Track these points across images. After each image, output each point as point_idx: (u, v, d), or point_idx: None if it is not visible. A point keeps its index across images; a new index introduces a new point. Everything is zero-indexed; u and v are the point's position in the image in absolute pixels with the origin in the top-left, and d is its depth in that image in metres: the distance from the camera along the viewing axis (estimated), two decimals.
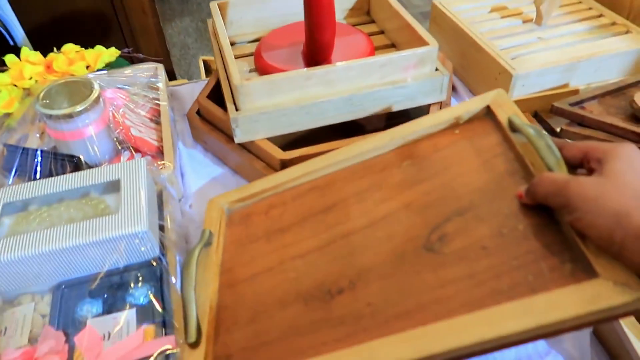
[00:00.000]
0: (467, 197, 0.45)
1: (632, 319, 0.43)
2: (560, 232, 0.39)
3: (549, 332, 0.34)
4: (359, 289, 0.43)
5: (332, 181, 0.55)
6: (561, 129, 0.59)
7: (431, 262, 0.42)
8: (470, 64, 0.80)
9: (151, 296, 0.49)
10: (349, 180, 0.54)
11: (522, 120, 0.46)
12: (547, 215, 0.40)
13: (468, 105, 0.52)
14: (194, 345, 0.44)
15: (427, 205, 0.46)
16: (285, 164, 0.62)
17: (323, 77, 0.62)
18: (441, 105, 0.69)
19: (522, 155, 0.45)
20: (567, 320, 0.33)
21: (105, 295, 0.50)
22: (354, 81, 0.64)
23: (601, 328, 0.47)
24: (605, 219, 0.33)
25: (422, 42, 0.66)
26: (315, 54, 0.68)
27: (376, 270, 0.44)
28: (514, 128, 0.47)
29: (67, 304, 0.49)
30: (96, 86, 0.64)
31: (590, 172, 0.36)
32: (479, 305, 0.37)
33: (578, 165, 0.39)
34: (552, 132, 0.69)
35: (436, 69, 0.67)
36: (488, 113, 0.52)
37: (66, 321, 0.48)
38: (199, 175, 0.69)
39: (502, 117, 0.49)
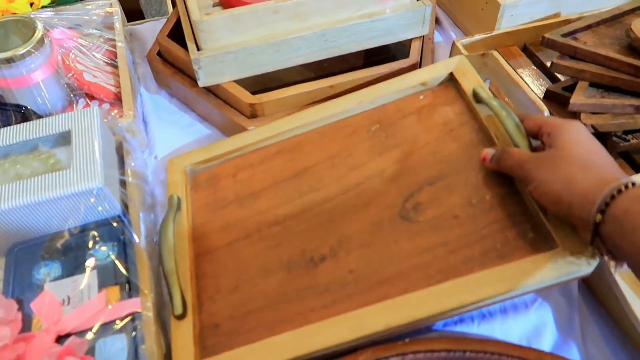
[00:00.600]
0: (437, 167, 0.47)
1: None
2: (522, 203, 0.43)
3: (517, 295, 0.39)
4: (341, 256, 0.45)
5: (299, 144, 0.54)
6: (552, 63, 0.55)
7: (407, 231, 0.44)
8: None
9: (112, 257, 0.46)
10: (318, 144, 0.53)
11: (486, 92, 0.49)
12: (510, 185, 0.44)
13: (432, 71, 0.53)
14: (181, 317, 0.43)
15: (399, 174, 0.48)
16: (255, 109, 0.57)
17: (293, 10, 0.56)
18: (423, 40, 0.64)
19: (487, 127, 0.47)
20: (533, 285, 0.38)
21: (63, 258, 0.46)
22: (327, 15, 0.58)
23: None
24: (556, 185, 0.37)
25: None
26: None
27: (355, 238, 0.45)
28: (478, 99, 0.49)
29: (21, 268, 0.46)
30: (39, 25, 0.57)
31: (544, 144, 0.41)
32: (455, 272, 0.41)
33: (535, 136, 0.43)
34: (542, 66, 0.65)
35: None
36: (451, 80, 0.53)
37: (22, 286, 0.45)
38: (164, 123, 0.64)
39: (466, 86, 0.51)
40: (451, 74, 0.53)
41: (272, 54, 0.58)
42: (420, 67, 0.62)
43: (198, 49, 0.56)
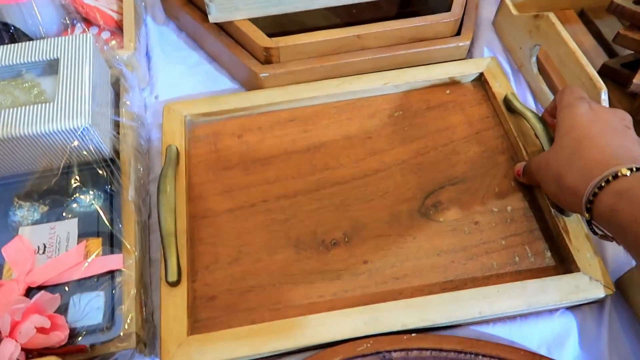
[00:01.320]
0: (460, 167, 0.47)
1: None
2: (544, 220, 0.43)
3: (532, 312, 0.40)
4: (355, 244, 0.43)
5: (316, 115, 0.51)
6: (618, 34, 0.47)
7: (427, 229, 0.43)
8: None
9: (96, 206, 0.41)
10: (335, 119, 0.50)
11: (519, 101, 0.48)
12: (532, 200, 0.44)
13: (462, 67, 0.53)
14: (174, 284, 0.39)
15: (421, 168, 0.47)
16: (271, 54, 0.50)
17: None
18: None
19: (516, 136, 0.47)
20: (552, 304, 0.38)
21: (42, 201, 0.42)
22: None
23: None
24: (552, 185, 0.37)
25: None
26: None
27: (371, 227, 0.43)
28: (509, 107, 0.49)
29: None
30: None
31: None
32: (473, 280, 0.40)
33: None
34: (599, 36, 0.57)
35: None
36: (480, 81, 0.53)
37: None
38: (169, 59, 0.58)
39: (496, 90, 0.50)
40: (481, 74, 0.52)
41: None
42: (462, 23, 0.54)
43: None
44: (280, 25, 0.55)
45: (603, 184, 0.32)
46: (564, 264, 0.41)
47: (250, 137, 0.49)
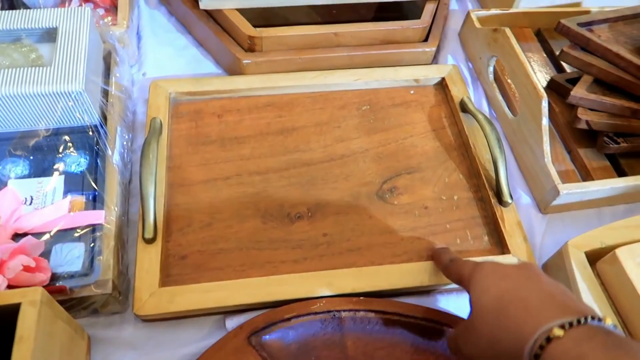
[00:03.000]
0: (416, 159, 0.52)
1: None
2: (485, 209, 0.49)
3: None
4: (317, 218, 0.47)
5: (291, 103, 0.55)
6: (562, 51, 0.53)
7: (382, 210, 0.48)
8: None
9: (83, 165, 0.45)
10: (308, 108, 0.55)
11: (473, 104, 0.54)
12: (476, 192, 0.50)
13: (426, 71, 0.59)
14: (150, 241, 0.43)
15: (382, 156, 0.52)
16: (254, 43, 0.55)
17: None
18: (439, 4, 0.61)
19: (467, 135, 0.53)
20: None
21: (32, 157, 0.45)
22: None
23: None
24: (487, 352, 0.32)
25: None
26: None
27: (333, 205, 0.48)
28: (464, 109, 0.54)
29: None
30: None
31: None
32: (418, 256, 0.46)
33: (460, 283, 0.38)
34: (551, 55, 0.63)
35: None
36: (441, 85, 0.58)
37: None
38: (158, 40, 0.61)
39: (454, 94, 0.56)
40: (443, 79, 0.58)
41: None
42: (430, 31, 0.60)
43: None
44: (264, 18, 0.60)
45: (538, 352, 0.28)
46: (498, 247, 0.47)
47: (229, 117, 0.54)
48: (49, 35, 0.47)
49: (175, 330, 0.42)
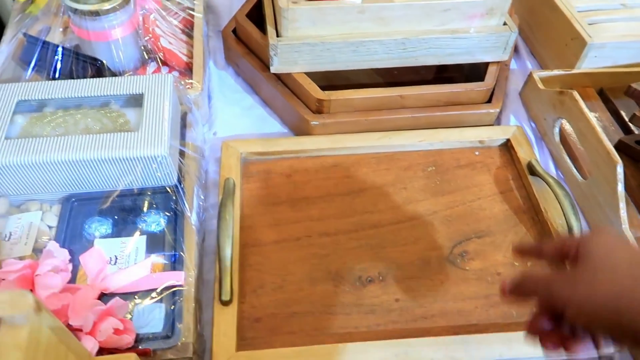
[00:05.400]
0: (485, 222, 0.52)
1: None
2: None
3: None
4: (388, 283, 0.47)
5: (357, 163, 0.57)
6: (633, 115, 0.53)
7: (454, 275, 0.48)
8: (539, 23, 0.71)
9: (163, 225, 0.46)
10: (374, 169, 0.56)
11: (541, 167, 0.54)
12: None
13: (491, 132, 0.59)
14: (227, 303, 0.44)
15: (450, 219, 0.52)
16: (322, 105, 0.57)
17: (378, 12, 0.56)
18: (501, 66, 0.62)
19: (537, 198, 0.52)
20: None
21: (116, 217, 0.47)
22: (410, 23, 0.57)
23: None
24: (604, 300, 0.29)
25: None
26: None
27: (404, 269, 0.48)
28: (532, 172, 0.54)
29: (75, 219, 0.47)
30: None
31: (570, 265, 0.33)
32: (494, 325, 0.44)
33: (557, 261, 0.35)
34: (616, 114, 0.62)
35: (504, 23, 0.60)
36: (506, 146, 0.59)
37: (73, 237, 0.46)
38: (227, 100, 0.64)
39: (521, 155, 0.56)
40: (508, 140, 0.58)
41: (349, 54, 0.57)
42: (493, 93, 0.60)
43: (277, 35, 0.56)
44: (326, 78, 0.62)
45: None
46: None
47: (297, 177, 0.55)
48: (135, 100, 0.50)
49: None
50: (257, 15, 0.65)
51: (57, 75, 0.56)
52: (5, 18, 1.09)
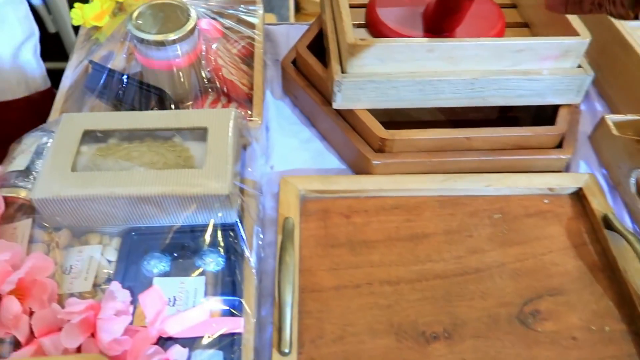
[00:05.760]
0: (558, 279, 0.48)
1: None
2: None
3: None
4: (454, 341, 0.45)
5: (419, 207, 0.54)
6: None
7: (525, 337, 0.45)
8: (610, 63, 0.68)
9: (223, 266, 0.45)
10: (437, 213, 0.54)
11: (618, 221, 0.50)
12: (630, 324, 0.45)
13: (561, 180, 0.55)
14: (286, 354, 0.42)
15: (520, 274, 0.49)
16: (385, 144, 0.55)
17: (448, 51, 0.54)
18: (572, 110, 0.59)
19: (615, 256, 0.48)
20: None
21: (175, 254, 0.46)
22: (480, 63, 0.55)
23: None
24: None
25: (568, 30, 0.56)
26: (441, 19, 0.58)
27: (471, 326, 0.45)
28: (608, 226, 0.50)
29: (134, 254, 0.46)
30: (193, 14, 0.57)
31: None
32: None
33: None
34: None
35: (579, 66, 0.57)
36: (578, 195, 0.55)
37: (132, 273, 0.45)
38: (284, 132, 0.63)
39: (595, 207, 0.53)
40: (580, 189, 0.55)
41: (415, 92, 0.56)
42: (564, 138, 0.57)
43: (342, 71, 0.55)
44: (387, 114, 0.60)
45: None
46: None
47: (357, 218, 0.53)
48: (198, 134, 0.49)
49: None
50: (317, 47, 0.64)
51: (121, 103, 0.56)
52: (67, 42, 1.12)
